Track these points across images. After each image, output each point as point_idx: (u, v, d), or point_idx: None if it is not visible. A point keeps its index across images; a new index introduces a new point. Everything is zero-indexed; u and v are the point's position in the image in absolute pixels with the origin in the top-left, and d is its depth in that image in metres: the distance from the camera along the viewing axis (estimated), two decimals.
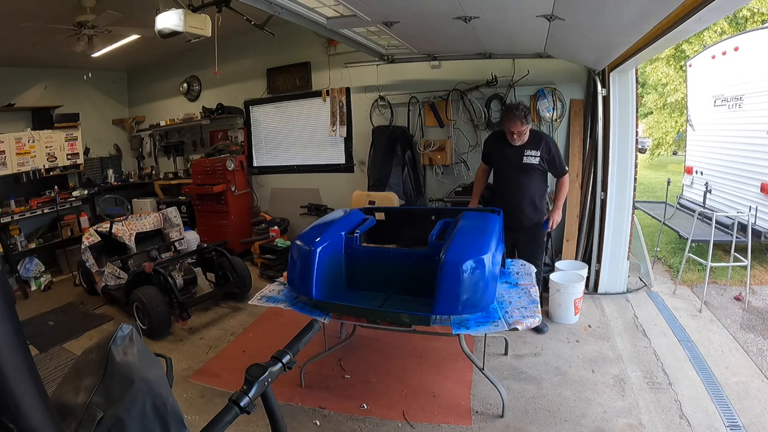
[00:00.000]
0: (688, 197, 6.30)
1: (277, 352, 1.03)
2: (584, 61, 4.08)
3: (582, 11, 2.49)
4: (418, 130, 5.07)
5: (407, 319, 2.28)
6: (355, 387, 2.86)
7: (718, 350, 3.10)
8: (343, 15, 3.10)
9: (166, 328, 3.67)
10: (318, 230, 2.72)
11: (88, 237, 4.48)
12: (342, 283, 2.73)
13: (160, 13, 2.82)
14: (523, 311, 2.33)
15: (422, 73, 4.94)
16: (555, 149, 3.27)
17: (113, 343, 0.92)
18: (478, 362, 2.57)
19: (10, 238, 5.04)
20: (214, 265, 4.33)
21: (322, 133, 5.65)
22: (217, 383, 2.94)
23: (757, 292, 4.09)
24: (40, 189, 5.47)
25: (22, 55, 5.06)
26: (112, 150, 6.87)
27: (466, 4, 2.57)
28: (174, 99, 6.59)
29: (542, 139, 3.28)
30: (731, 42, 5.44)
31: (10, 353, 0.58)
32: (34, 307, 4.50)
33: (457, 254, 2.24)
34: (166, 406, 0.90)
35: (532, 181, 3.30)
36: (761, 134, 4.73)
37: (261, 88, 5.89)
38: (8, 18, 3.85)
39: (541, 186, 3.35)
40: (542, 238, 3.43)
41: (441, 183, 5.05)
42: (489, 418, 2.49)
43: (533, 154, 3.22)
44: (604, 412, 2.48)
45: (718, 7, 1.98)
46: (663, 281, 4.55)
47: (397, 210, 3.70)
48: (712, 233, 3.83)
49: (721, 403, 2.50)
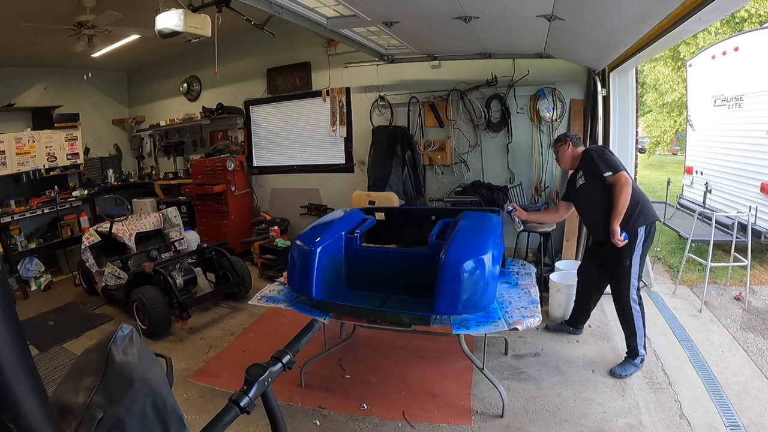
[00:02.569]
0: (688, 197, 6.30)
1: (277, 352, 1.03)
2: (584, 61, 4.08)
3: (582, 11, 2.49)
4: (418, 130, 5.07)
5: (407, 319, 2.28)
6: (355, 387, 2.86)
7: (718, 350, 3.09)
8: (343, 15, 3.10)
9: (166, 328, 3.67)
10: (318, 230, 2.72)
11: (88, 237, 4.48)
12: (342, 283, 2.73)
13: (160, 13, 2.82)
14: (523, 311, 2.33)
15: (422, 73, 4.94)
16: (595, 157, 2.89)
17: (113, 343, 0.92)
18: (478, 362, 2.56)
19: (10, 238, 5.04)
20: (214, 265, 4.33)
21: (322, 133, 5.65)
22: (217, 383, 2.94)
23: (757, 292, 4.09)
24: (40, 189, 5.47)
25: (22, 55, 5.06)
26: (112, 150, 6.88)
27: (466, 4, 2.57)
28: (174, 99, 6.59)
29: (583, 158, 3.01)
30: (731, 42, 5.45)
31: (10, 353, 0.58)
32: (34, 307, 4.49)
33: (457, 254, 2.24)
34: (166, 406, 0.90)
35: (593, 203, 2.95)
36: (761, 134, 4.73)
37: (261, 88, 5.89)
38: (8, 18, 3.85)
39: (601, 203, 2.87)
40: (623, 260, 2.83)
41: (441, 183, 5.06)
42: (489, 418, 2.49)
43: (579, 175, 3.04)
44: (604, 412, 2.48)
45: (718, 8, 1.99)
46: (663, 281, 4.55)
47: (397, 210, 3.70)
48: (712, 233, 3.83)
49: (721, 403, 2.49)
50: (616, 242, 2.76)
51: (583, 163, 3.02)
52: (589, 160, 2.93)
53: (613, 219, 2.76)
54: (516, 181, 4.73)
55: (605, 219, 2.82)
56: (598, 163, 2.84)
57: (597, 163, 2.84)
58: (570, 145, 3.12)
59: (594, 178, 2.90)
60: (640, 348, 2.84)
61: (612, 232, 2.76)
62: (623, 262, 2.83)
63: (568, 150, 3.13)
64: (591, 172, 2.92)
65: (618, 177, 2.76)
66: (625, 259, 2.82)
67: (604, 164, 2.82)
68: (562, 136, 3.21)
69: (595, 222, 2.99)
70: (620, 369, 2.85)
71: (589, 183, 2.95)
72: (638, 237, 2.80)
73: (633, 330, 2.84)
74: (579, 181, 3.04)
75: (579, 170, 3.06)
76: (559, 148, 3.17)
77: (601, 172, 2.82)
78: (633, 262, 2.81)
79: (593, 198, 2.94)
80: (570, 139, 3.13)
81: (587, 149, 3.09)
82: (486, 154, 4.86)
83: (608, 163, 2.83)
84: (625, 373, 2.82)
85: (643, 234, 2.81)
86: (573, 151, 3.12)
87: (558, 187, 4.66)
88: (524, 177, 4.76)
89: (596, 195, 2.91)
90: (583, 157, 3.04)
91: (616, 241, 2.76)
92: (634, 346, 2.85)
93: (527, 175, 4.77)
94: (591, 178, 2.93)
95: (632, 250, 2.80)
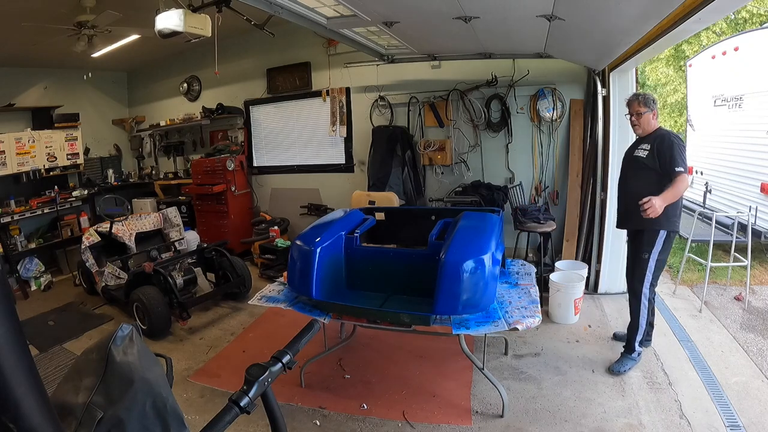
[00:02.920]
0: (688, 197, 6.30)
1: (277, 352, 1.03)
2: (584, 61, 4.08)
3: (582, 11, 2.49)
4: (418, 130, 5.07)
5: (407, 319, 2.28)
6: (355, 387, 2.86)
7: (718, 350, 3.10)
8: (343, 15, 3.10)
9: (166, 328, 3.67)
10: (318, 230, 2.72)
11: (88, 237, 4.48)
12: (342, 283, 2.74)
13: (160, 13, 2.82)
14: (523, 311, 2.33)
15: (422, 73, 4.94)
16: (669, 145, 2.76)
17: (113, 343, 0.92)
18: (478, 362, 2.56)
19: (10, 238, 5.04)
20: (214, 265, 4.33)
21: (322, 133, 5.65)
22: (217, 383, 2.94)
23: (757, 292, 4.09)
24: (40, 189, 5.47)
25: (22, 55, 5.06)
26: (112, 150, 6.87)
27: (466, 4, 2.57)
28: (174, 99, 6.59)
29: (660, 136, 2.85)
30: (731, 42, 5.44)
31: (10, 353, 0.58)
32: (34, 307, 4.49)
33: (457, 254, 2.24)
34: (166, 406, 0.90)
35: (640, 180, 2.87)
36: (761, 134, 4.72)
37: (261, 88, 5.89)
38: (8, 18, 3.85)
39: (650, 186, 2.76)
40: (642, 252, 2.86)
41: (441, 183, 5.06)
42: (489, 418, 2.49)
43: (645, 147, 2.87)
44: (604, 412, 2.48)
45: (718, 8, 1.98)
46: (663, 281, 4.54)
47: (397, 210, 3.70)
48: (712, 233, 3.83)
49: (721, 403, 2.49)
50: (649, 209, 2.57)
51: (658, 140, 2.83)
52: (667, 143, 2.78)
53: (665, 196, 2.62)
54: (516, 181, 4.73)
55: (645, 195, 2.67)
56: (677, 154, 2.71)
57: (675, 154, 2.71)
58: (655, 113, 2.93)
59: (658, 160, 2.78)
60: (636, 344, 2.89)
61: (653, 204, 2.56)
62: (642, 255, 2.85)
63: (653, 118, 2.92)
64: (661, 154, 2.77)
65: (684, 177, 2.70)
66: (645, 252, 2.84)
67: (681, 158, 2.71)
68: (647, 98, 2.92)
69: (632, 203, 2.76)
70: (618, 365, 2.90)
71: (650, 160, 2.82)
72: (659, 236, 2.81)
73: (636, 324, 2.89)
74: (641, 152, 2.88)
75: (646, 142, 2.88)
76: (645, 112, 2.89)
77: (674, 164, 2.69)
78: (651, 257, 2.83)
79: (643, 177, 2.86)
80: (656, 106, 2.94)
81: (668, 130, 2.96)
82: (486, 154, 4.86)
83: (684, 159, 2.75)
84: (623, 369, 2.87)
85: (663, 236, 2.81)
86: (655, 120, 2.94)
87: (558, 187, 4.66)
88: (524, 177, 4.76)
89: (648, 173, 2.83)
90: (660, 133, 2.87)
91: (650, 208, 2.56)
92: (633, 340, 2.90)
93: (527, 175, 4.77)
94: (656, 158, 2.79)
95: (653, 245, 2.82)
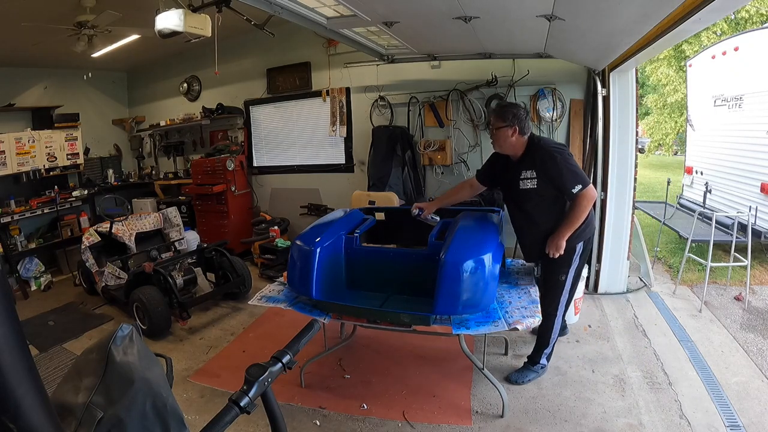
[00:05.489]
0: (688, 197, 6.30)
1: (277, 352, 1.03)
2: (584, 61, 4.07)
3: (582, 11, 2.49)
4: (418, 130, 5.07)
5: (407, 319, 2.28)
6: (355, 387, 2.86)
7: (718, 350, 3.10)
8: (343, 15, 3.10)
9: (166, 328, 3.67)
10: (318, 230, 2.72)
11: (88, 237, 4.48)
12: (342, 283, 2.73)
13: (160, 13, 2.82)
14: (523, 311, 2.33)
15: (422, 73, 4.94)
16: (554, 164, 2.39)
17: (113, 343, 0.92)
18: (478, 362, 2.56)
19: (10, 238, 5.04)
20: (214, 265, 4.33)
21: (322, 133, 5.65)
22: (217, 383, 2.94)
23: (757, 292, 4.09)
24: (40, 189, 5.47)
25: (22, 55, 5.06)
26: (112, 150, 6.87)
27: (466, 4, 2.57)
28: (174, 99, 6.59)
29: (539, 156, 2.44)
30: (731, 42, 5.45)
31: (10, 353, 0.58)
32: (34, 307, 4.49)
33: (457, 254, 2.24)
34: (166, 406, 0.90)
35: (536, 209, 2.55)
36: (761, 134, 4.73)
37: (261, 88, 5.89)
38: (8, 18, 3.85)
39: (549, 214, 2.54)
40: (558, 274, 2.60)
41: (441, 183, 5.05)
42: (489, 418, 2.49)
43: (529, 175, 2.46)
44: (604, 412, 2.48)
45: (718, 8, 1.98)
46: (663, 281, 4.55)
47: (397, 210, 3.70)
48: (712, 233, 3.83)
49: (721, 403, 2.50)
50: (553, 254, 2.48)
51: (538, 163, 2.44)
52: (548, 164, 2.40)
53: (563, 232, 2.42)
54: None
55: (550, 233, 2.49)
56: (565, 174, 2.36)
57: (563, 174, 2.36)
58: (516, 130, 2.47)
59: (551, 187, 2.43)
60: (543, 358, 2.78)
61: (557, 245, 2.44)
62: (558, 277, 2.59)
63: (512, 136, 2.48)
64: (549, 179, 2.42)
65: (587, 192, 2.35)
66: (562, 274, 2.59)
67: (572, 176, 2.35)
68: (505, 111, 2.50)
69: (535, 235, 2.57)
70: (519, 375, 2.78)
71: (542, 190, 2.46)
72: (576, 252, 2.57)
73: (546, 342, 2.74)
74: (526, 183, 2.47)
75: (527, 168, 2.48)
76: (501, 130, 2.49)
77: (567, 187, 2.36)
78: (569, 276, 2.61)
79: (541, 208, 2.52)
80: (517, 122, 2.46)
81: (541, 144, 2.48)
82: (486, 154, 4.85)
83: (576, 175, 2.36)
84: (523, 380, 2.76)
85: (580, 249, 2.59)
86: (518, 138, 2.49)
87: None
88: None
89: (545, 205, 2.50)
90: (537, 153, 2.45)
91: (555, 253, 2.47)
92: (539, 355, 2.77)
93: None
94: (547, 185, 2.43)
95: (569, 265, 2.58)
